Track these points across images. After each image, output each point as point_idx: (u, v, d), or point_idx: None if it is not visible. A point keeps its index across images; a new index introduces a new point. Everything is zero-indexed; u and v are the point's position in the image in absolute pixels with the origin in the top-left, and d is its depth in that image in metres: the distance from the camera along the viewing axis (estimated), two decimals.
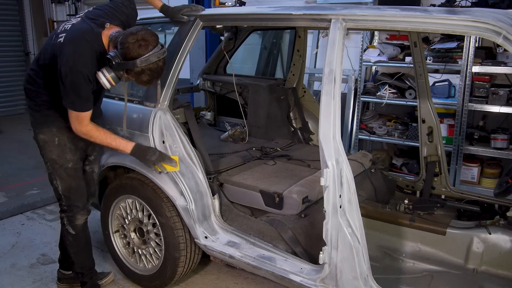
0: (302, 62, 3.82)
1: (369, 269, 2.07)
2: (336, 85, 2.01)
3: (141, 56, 2.08)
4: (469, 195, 3.03)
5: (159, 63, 2.15)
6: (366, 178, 3.09)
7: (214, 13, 2.75)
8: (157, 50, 2.11)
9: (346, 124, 4.93)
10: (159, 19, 3.02)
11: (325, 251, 2.10)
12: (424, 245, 2.70)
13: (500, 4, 3.82)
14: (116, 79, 2.19)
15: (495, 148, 4.00)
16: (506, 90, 3.88)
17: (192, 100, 5.52)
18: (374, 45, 4.61)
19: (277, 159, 3.25)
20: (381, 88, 4.57)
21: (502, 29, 1.74)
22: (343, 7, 2.18)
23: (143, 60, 2.08)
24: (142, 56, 2.08)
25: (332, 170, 1.98)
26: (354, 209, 2.03)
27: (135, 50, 2.08)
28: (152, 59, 2.10)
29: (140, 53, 2.08)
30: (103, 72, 2.17)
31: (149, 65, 2.11)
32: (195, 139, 2.76)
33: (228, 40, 3.94)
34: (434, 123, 3.08)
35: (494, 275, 2.49)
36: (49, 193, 4.42)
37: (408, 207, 2.83)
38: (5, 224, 3.89)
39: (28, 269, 3.18)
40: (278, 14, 2.37)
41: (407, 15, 1.97)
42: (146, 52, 2.09)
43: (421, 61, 2.96)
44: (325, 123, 2.02)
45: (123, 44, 2.09)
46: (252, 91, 3.85)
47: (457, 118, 4.07)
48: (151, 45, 2.11)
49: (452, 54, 4.09)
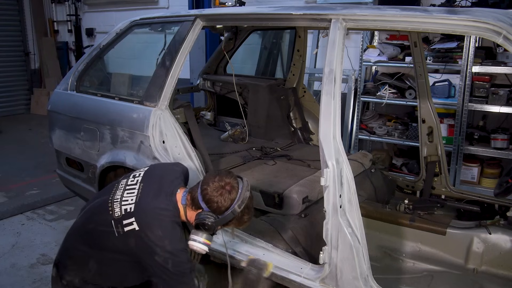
0: (302, 62, 3.82)
1: (369, 269, 2.07)
2: (336, 85, 2.01)
3: (234, 200, 1.85)
4: (469, 195, 3.03)
5: (250, 194, 1.92)
6: (366, 178, 3.09)
7: (214, 13, 2.75)
8: (242, 184, 1.90)
9: (346, 124, 4.93)
10: (159, 19, 3.02)
11: (325, 251, 2.10)
12: (424, 245, 2.70)
13: (500, 4, 3.82)
14: (210, 238, 1.94)
15: (495, 148, 4.00)
16: (506, 90, 3.88)
17: (192, 100, 5.52)
18: (374, 45, 4.61)
19: (277, 159, 3.25)
20: (381, 88, 4.57)
21: (502, 29, 1.74)
22: (343, 7, 2.18)
23: (240, 203, 1.86)
24: (236, 200, 1.85)
25: (332, 170, 1.98)
26: (354, 209, 2.03)
27: (226, 199, 1.85)
28: (246, 195, 1.89)
29: (232, 198, 1.85)
30: (194, 238, 1.92)
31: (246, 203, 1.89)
32: (195, 139, 2.75)
33: (228, 40, 3.93)
34: (434, 123, 3.08)
35: (494, 275, 2.48)
36: (49, 193, 4.44)
37: (408, 207, 2.83)
38: (5, 224, 3.89)
39: (28, 269, 3.18)
40: (278, 14, 2.37)
41: (407, 15, 1.97)
42: (237, 193, 1.86)
43: (421, 61, 2.95)
44: (325, 123, 2.02)
45: (210, 202, 1.85)
46: (252, 91, 3.85)
47: (457, 118, 4.07)
48: (234, 182, 1.88)
49: (452, 54, 4.09)
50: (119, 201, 1.91)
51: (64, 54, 8.64)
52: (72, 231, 2.03)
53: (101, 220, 1.90)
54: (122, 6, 7.30)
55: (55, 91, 3.35)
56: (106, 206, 1.92)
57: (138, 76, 5.53)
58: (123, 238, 1.85)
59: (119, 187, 1.99)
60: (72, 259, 2.00)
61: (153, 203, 1.89)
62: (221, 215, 1.86)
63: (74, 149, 3.12)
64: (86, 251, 1.95)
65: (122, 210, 1.88)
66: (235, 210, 1.85)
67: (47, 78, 8.48)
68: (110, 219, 1.87)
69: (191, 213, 1.92)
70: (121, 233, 1.85)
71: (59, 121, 3.24)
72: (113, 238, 1.86)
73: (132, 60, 6.79)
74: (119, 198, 1.92)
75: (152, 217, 1.85)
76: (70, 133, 3.13)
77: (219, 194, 1.84)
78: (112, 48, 3.14)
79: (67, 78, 3.28)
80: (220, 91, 4.13)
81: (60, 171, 3.43)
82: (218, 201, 1.84)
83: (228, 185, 1.86)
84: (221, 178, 1.87)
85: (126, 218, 1.85)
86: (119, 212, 1.88)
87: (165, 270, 1.81)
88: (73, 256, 1.99)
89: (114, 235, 1.86)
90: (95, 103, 2.98)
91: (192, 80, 5.62)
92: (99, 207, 1.96)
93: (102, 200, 1.97)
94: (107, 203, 1.93)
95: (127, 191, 1.95)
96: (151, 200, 1.90)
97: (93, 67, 3.25)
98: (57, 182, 3.97)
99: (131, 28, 3.02)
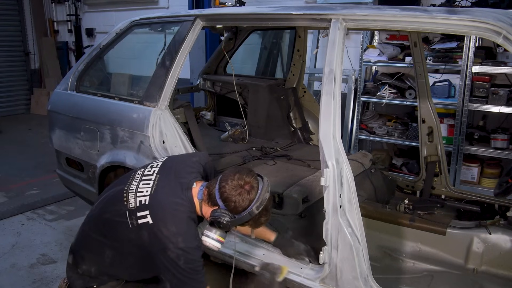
0: (302, 62, 3.82)
1: (369, 269, 2.07)
2: (336, 85, 2.01)
3: (252, 201, 1.79)
4: (469, 195, 3.03)
5: (270, 195, 1.85)
6: (366, 178, 3.09)
7: (214, 13, 2.75)
8: (262, 184, 1.83)
9: (346, 124, 4.93)
10: (159, 19, 3.02)
11: (325, 251, 2.10)
12: (424, 245, 2.70)
13: (500, 4, 3.82)
14: (224, 235, 1.90)
15: (495, 148, 4.00)
16: (506, 90, 3.88)
17: (192, 100, 5.52)
18: (374, 45, 4.61)
19: (277, 159, 3.25)
20: (381, 88, 4.57)
21: (502, 29, 1.74)
22: (343, 7, 2.18)
23: (259, 204, 1.79)
24: (255, 201, 1.79)
25: (332, 170, 1.98)
26: (354, 209, 2.03)
27: (244, 199, 1.78)
28: (266, 196, 1.82)
29: (251, 198, 1.79)
30: (207, 234, 1.88)
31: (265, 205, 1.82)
32: (195, 139, 2.76)
33: (228, 40, 3.93)
34: (434, 123, 3.08)
35: (494, 275, 2.48)
36: (49, 193, 4.44)
37: (408, 207, 2.83)
38: (5, 224, 3.89)
39: (28, 269, 3.18)
40: (278, 14, 2.37)
41: (407, 15, 1.97)
42: (256, 194, 1.79)
43: (421, 61, 2.95)
44: (325, 123, 2.02)
45: (227, 200, 1.79)
46: (252, 91, 3.85)
47: (457, 118, 4.07)
48: (254, 182, 1.81)
49: (452, 54, 4.09)
50: (135, 192, 1.88)
51: (64, 54, 8.64)
52: (88, 219, 2.01)
53: (116, 210, 1.88)
54: (122, 6, 7.30)
55: (55, 91, 3.35)
56: (121, 196, 1.89)
57: (138, 76, 5.52)
58: (136, 230, 1.82)
59: (135, 177, 1.96)
60: (88, 248, 1.98)
61: (168, 197, 1.85)
62: (238, 215, 1.81)
63: (74, 149, 3.12)
64: (101, 241, 1.93)
65: (137, 201, 1.84)
66: (253, 212, 1.79)
67: (47, 78, 8.48)
68: (125, 210, 1.85)
69: (206, 208, 1.87)
70: (135, 224, 1.82)
71: (59, 121, 3.24)
72: (127, 229, 1.84)
73: (132, 60, 6.79)
74: (134, 189, 1.89)
75: (166, 211, 1.81)
76: (70, 133, 3.13)
77: (238, 194, 1.78)
78: (112, 48, 3.15)
79: (67, 78, 3.28)
80: (220, 91, 4.13)
81: (60, 171, 3.43)
82: (236, 200, 1.78)
83: (248, 185, 1.79)
84: (241, 176, 1.80)
85: (141, 210, 1.82)
86: (133, 203, 1.84)
87: (176, 266, 1.77)
88: (89, 245, 1.97)
89: (128, 226, 1.83)
90: (95, 103, 2.98)
91: (192, 80, 5.62)
92: (115, 197, 1.93)
93: (118, 190, 1.94)
94: (123, 193, 1.90)
95: (143, 181, 1.91)
96: (167, 193, 1.86)
97: (93, 67, 3.25)
98: (57, 182, 3.97)
99: (131, 28, 3.02)
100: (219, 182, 1.83)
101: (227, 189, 1.79)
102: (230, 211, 1.81)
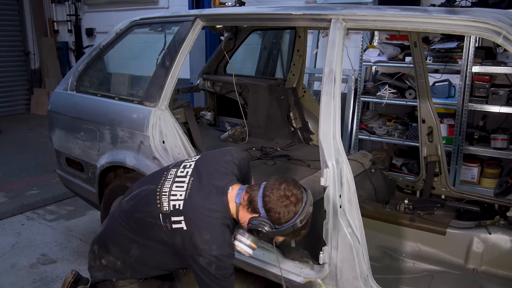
0: (302, 62, 3.82)
1: (369, 269, 2.07)
2: (336, 85, 2.01)
3: (296, 214, 1.74)
4: (469, 195, 3.03)
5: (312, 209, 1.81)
6: (366, 178, 3.09)
7: (214, 13, 2.75)
8: (306, 197, 1.78)
9: (346, 124, 4.93)
10: (159, 19, 3.02)
11: (325, 251, 2.10)
12: (424, 245, 2.70)
13: (500, 4, 3.82)
14: (257, 241, 1.86)
15: (495, 148, 4.00)
16: (506, 90, 3.88)
17: (192, 100, 5.52)
18: (374, 45, 4.61)
19: (277, 159, 3.25)
20: (381, 88, 4.57)
21: (502, 29, 1.74)
22: (343, 7, 2.18)
23: (303, 218, 1.75)
24: (299, 214, 1.74)
25: (332, 170, 1.98)
26: (354, 209, 2.03)
27: (290, 212, 1.73)
28: (310, 210, 1.78)
29: (296, 211, 1.74)
30: (240, 239, 1.85)
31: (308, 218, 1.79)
32: (195, 139, 2.76)
33: (228, 40, 3.93)
34: (434, 123, 3.08)
35: (494, 275, 2.48)
36: (49, 193, 4.44)
37: (408, 207, 2.83)
38: (5, 224, 3.89)
39: (28, 269, 3.18)
40: (278, 14, 2.37)
41: (407, 15, 1.97)
42: (301, 206, 1.74)
43: (421, 61, 2.95)
44: (325, 123, 2.02)
45: (271, 211, 1.73)
46: (252, 91, 3.85)
47: (457, 118, 4.07)
48: (300, 195, 1.76)
49: (452, 54, 4.09)
50: (168, 194, 1.84)
51: (64, 54, 8.64)
52: (118, 213, 1.97)
53: (149, 211, 1.85)
54: (122, 6, 7.30)
55: (55, 91, 3.35)
56: (154, 198, 1.86)
57: (138, 76, 5.52)
58: (170, 233, 1.80)
59: (168, 177, 1.92)
60: (115, 241, 1.95)
61: (202, 203, 1.80)
62: (279, 226, 1.75)
63: (74, 149, 3.12)
64: (130, 237, 1.90)
65: (171, 205, 1.81)
66: (296, 225, 1.74)
67: (47, 78, 8.48)
68: (158, 212, 1.82)
69: (244, 214, 1.81)
70: (169, 228, 1.79)
71: (59, 121, 3.24)
72: (160, 231, 1.82)
73: (132, 60, 6.79)
74: (167, 192, 1.85)
75: (201, 218, 1.77)
76: (70, 133, 3.13)
77: (284, 205, 1.72)
78: (112, 48, 3.14)
79: (67, 78, 3.28)
80: (220, 91, 4.13)
81: (60, 171, 3.43)
82: (280, 212, 1.72)
83: (294, 197, 1.73)
84: (288, 187, 1.74)
85: (175, 215, 1.79)
86: (167, 207, 1.81)
87: (207, 272, 1.75)
88: (117, 239, 1.95)
89: (161, 228, 1.81)
90: (95, 103, 2.98)
91: (192, 80, 5.63)
92: (147, 197, 1.90)
93: (150, 190, 1.91)
94: (156, 194, 1.87)
95: (176, 184, 1.87)
96: (201, 199, 1.81)
97: (93, 67, 3.25)
98: (57, 182, 3.97)
99: (131, 28, 3.02)
100: (264, 189, 1.77)
101: (272, 199, 1.73)
102: (271, 221, 1.75)
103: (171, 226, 1.79)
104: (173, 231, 1.79)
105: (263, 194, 1.75)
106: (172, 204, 1.81)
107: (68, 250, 3.46)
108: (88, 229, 3.81)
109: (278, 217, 1.73)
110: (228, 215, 1.82)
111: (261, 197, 1.75)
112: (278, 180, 1.77)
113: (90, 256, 2.02)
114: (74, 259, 3.33)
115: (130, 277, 1.97)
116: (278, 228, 1.75)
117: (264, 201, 1.74)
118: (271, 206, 1.73)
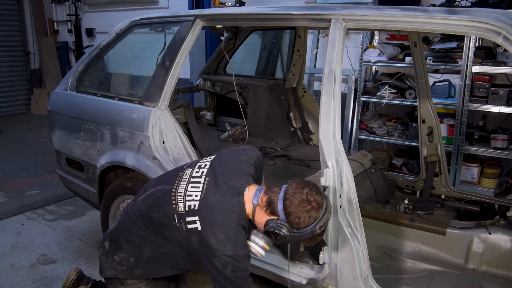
0: (302, 62, 3.82)
1: (369, 269, 2.07)
2: (336, 85, 2.01)
3: (317, 219, 1.72)
4: (469, 195, 3.03)
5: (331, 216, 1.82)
6: (366, 178, 3.09)
7: (214, 13, 2.75)
8: (326, 203, 1.77)
9: (346, 124, 4.93)
10: (159, 19, 3.02)
11: (325, 251, 2.10)
12: (424, 245, 2.70)
13: (500, 4, 3.82)
14: (270, 243, 1.85)
15: (495, 148, 4.00)
16: (506, 90, 3.88)
17: (192, 100, 5.52)
18: (374, 45, 4.61)
19: (277, 159, 3.25)
20: (381, 88, 4.57)
21: (502, 29, 1.74)
22: (343, 7, 2.18)
23: (322, 224, 1.74)
24: (319, 220, 1.73)
25: (332, 170, 1.98)
26: (354, 209, 2.03)
27: (311, 217, 1.71)
28: (329, 217, 1.78)
29: (317, 216, 1.72)
30: (254, 240, 1.84)
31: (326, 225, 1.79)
32: (195, 139, 2.76)
33: (228, 40, 3.94)
34: (434, 123, 3.08)
35: (494, 275, 2.48)
36: (49, 193, 4.44)
37: (408, 207, 2.83)
38: (5, 224, 3.90)
39: (28, 269, 3.18)
40: (278, 14, 2.37)
41: (407, 15, 1.97)
42: (321, 213, 1.73)
43: (421, 61, 2.95)
44: (325, 123, 2.02)
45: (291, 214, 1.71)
46: (252, 91, 3.85)
47: (457, 118, 4.07)
48: (321, 201, 1.74)
49: (452, 54, 4.09)
50: (183, 195, 1.83)
51: (64, 54, 8.64)
52: (132, 212, 1.95)
53: (164, 212, 1.84)
54: (122, 6, 7.30)
55: (55, 91, 3.35)
56: (169, 199, 1.85)
57: (138, 76, 5.52)
58: (185, 234, 1.79)
59: (183, 177, 1.90)
60: (128, 238, 1.94)
61: (218, 203, 1.78)
62: (298, 231, 1.73)
63: (74, 149, 3.12)
64: (144, 236, 1.90)
65: (186, 206, 1.80)
66: (315, 230, 1.72)
67: (47, 78, 8.48)
68: (174, 213, 1.82)
69: (261, 215, 1.79)
70: (184, 228, 1.79)
71: (59, 121, 3.24)
72: (175, 232, 1.82)
73: (132, 60, 6.78)
74: (183, 192, 1.84)
75: (216, 219, 1.76)
76: (70, 133, 3.13)
77: (305, 211, 1.70)
78: (112, 48, 3.14)
79: (67, 78, 3.28)
80: (220, 91, 4.13)
81: (60, 171, 3.44)
82: (301, 216, 1.70)
83: (315, 202, 1.72)
84: (311, 192, 1.72)
85: (190, 215, 1.78)
86: (182, 207, 1.80)
87: (223, 273, 1.74)
88: (130, 237, 1.94)
89: (176, 229, 1.81)
90: (95, 103, 2.98)
91: (192, 80, 5.62)
92: (162, 198, 1.89)
93: (165, 190, 1.90)
94: (171, 194, 1.86)
95: (191, 184, 1.86)
96: (217, 199, 1.79)
97: (93, 67, 3.25)
98: (57, 182, 3.97)
99: (131, 28, 3.02)
100: (285, 193, 1.74)
101: (294, 202, 1.71)
102: (290, 224, 1.72)
103: (186, 227, 1.79)
104: (188, 232, 1.79)
105: (284, 197, 1.73)
106: (188, 204, 1.81)
107: (68, 250, 3.46)
108: (88, 229, 3.82)
109: (298, 221, 1.71)
110: (243, 216, 1.81)
111: (281, 200, 1.73)
112: (300, 184, 1.75)
113: (101, 252, 2.03)
114: (74, 259, 3.33)
115: (141, 276, 1.97)
116: (296, 232, 1.73)
117: (284, 204, 1.72)
118: (292, 210, 1.71)
